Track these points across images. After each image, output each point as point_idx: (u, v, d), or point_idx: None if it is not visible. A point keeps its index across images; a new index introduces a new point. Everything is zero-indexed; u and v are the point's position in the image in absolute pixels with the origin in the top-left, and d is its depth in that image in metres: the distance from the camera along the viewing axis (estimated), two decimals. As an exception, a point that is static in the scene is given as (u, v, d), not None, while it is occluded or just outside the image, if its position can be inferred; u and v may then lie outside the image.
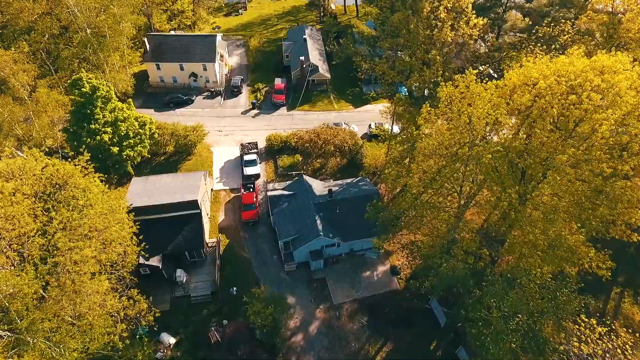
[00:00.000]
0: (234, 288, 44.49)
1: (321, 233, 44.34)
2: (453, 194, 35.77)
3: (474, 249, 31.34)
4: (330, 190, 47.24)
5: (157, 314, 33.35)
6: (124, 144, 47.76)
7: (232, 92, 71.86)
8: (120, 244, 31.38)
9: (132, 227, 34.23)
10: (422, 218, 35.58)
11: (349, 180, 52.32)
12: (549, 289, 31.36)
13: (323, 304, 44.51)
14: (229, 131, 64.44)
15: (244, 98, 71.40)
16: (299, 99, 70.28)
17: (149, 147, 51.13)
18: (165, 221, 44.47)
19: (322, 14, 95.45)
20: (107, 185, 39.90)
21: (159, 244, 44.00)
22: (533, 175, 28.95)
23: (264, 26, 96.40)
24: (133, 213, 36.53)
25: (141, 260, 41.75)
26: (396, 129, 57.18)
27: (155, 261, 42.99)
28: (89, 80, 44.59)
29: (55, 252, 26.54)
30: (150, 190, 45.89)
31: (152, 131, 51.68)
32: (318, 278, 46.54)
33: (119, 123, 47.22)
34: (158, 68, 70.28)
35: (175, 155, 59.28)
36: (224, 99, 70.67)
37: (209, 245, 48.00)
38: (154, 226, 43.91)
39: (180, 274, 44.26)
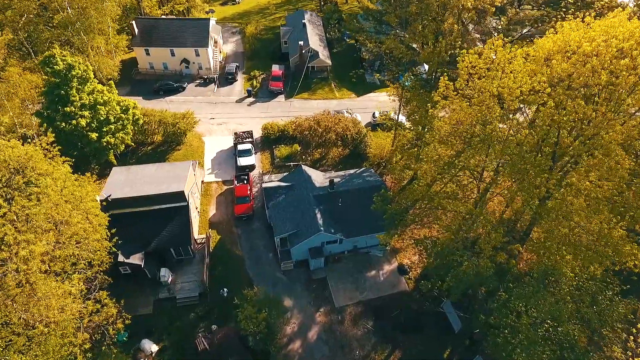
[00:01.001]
0: (225, 289, 40.00)
1: (321, 228, 39.87)
2: (472, 182, 31.35)
3: (501, 243, 26.83)
4: (331, 182, 42.75)
5: (127, 321, 28.77)
6: (104, 129, 43.20)
7: (226, 79, 67.40)
8: (85, 238, 26.80)
9: (99, 217, 29.58)
10: (438, 210, 31.07)
11: (352, 171, 47.84)
12: (587, 291, 26.90)
13: (323, 307, 40.03)
14: (222, 120, 59.98)
15: (239, 86, 66.93)
16: (297, 86, 65.78)
17: (132, 134, 46.51)
18: (148, 215, 39.98)
19: (322, 3, 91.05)
20: (78, 173, 35.46)
21: (141, 240, 39.61)
22: (574, 156, 24.50)
23: (262, 15, 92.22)
24: (104, 203, 31.96)
25: (120, 258, 37.41)
26: (402, 118, 52.71)
27: (136, 259, 38.52)
28: (63, 58, 40.05)
29: (3, 247, 22.11)
30: (132, 181, 41.39)
31: (137, 117, 47.12)
32: (318, 278, 42.06)
33: (98, 106, 42.67)
34: (147, 53, 65.78)
35: (163, 145, 54.82)
36: (218, 87, 66.18)
37: (198, 241, 43.53)
38: (136, 220, 39.56)
39: (165, 274, 39.77)
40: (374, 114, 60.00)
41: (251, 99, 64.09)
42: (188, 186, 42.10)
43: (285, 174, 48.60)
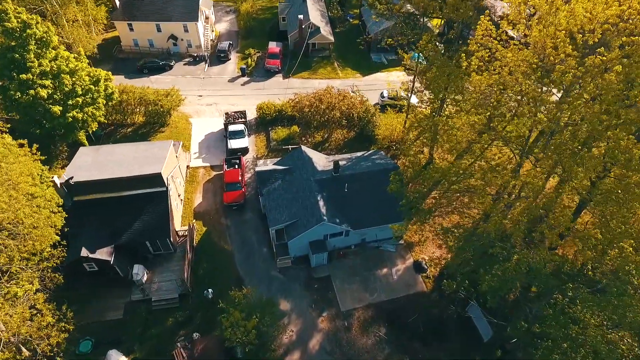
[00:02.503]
0: (210, 290, 33.74)
1: (324, 218, 33.61)
2: (512, 158, 25.11)
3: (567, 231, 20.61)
4: (336, 164, 36.44)
5: (63, 335, 22.43)
6: (70, 102, 36.90)
7: (218, 58, 61.09)
8: (17, 224, 20.54)
9: (40, 198, 23.30)
10: (469, 192, 24.80)
11: (359, 154, 41.56)
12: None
13: (327, 311, 33.79)
14: (212, 100, 53.69)
15: (233, 65, 60.59)
16: (296, 64, 59.48)
17: (104, 109, 40.08)
18: (120, 201, 33.82)
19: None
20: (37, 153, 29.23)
21: (111, 232, 33.44)
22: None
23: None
24: (52, 181, 25.70)
25: (84, 253, 31.21)
26: (414, 100, 46.58)
27: (104, 254, 32.29)
28: (18, 14, 33.74)
29: None
30: (101, 163, 35.09)
31: (110, 90, 40.77)
32: (320, 277, 35.83)
33: (62, 75, 36.39)
34: (131, 29, 59.37)
35: (145, 126, 48.60)
36: (209, 66, 59.85)
37: (180, 234, 37.28)
38: (105, 208, 33.49)
39: (138, 271, 33.49)
40: (382, 93, 53.77)
41: (245, 78, 57.80)
42: (168, 169, 35.85)
43: (282, 158, 42.39)
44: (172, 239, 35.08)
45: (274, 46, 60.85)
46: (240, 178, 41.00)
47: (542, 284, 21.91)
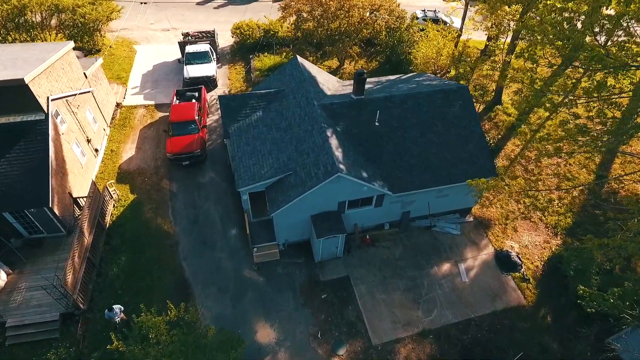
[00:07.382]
0: (116, 308, 17.44)
1: (340, 167, 17.39)
2: None
3: None
4: (359, 76, 20.07)
5: None
6: None
7: (185, -21, 44.93)
8: None
9: None
10: None
11: (393, 77, 25.33)
12: None
13: (346, 345, 17.70)
14: (171, 25, 37.55)
15: (205, -12, 44.42)
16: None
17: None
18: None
19: None
20: None
21: None
22: None
23: None
24: None
25: None
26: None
27: None
28: None
29: None
30: None
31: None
32: (331, 279, 19.74)
33: None
34: (64, -63, 43.14)
35: (64, 53, 32.47)
36: (172, -13, 43.66)
37: (79, 202, 21.17)
38: None
39: (-19, 271, 17.46)
40: (416, 14, 37.63)
41: (220, 1, 41.67)
42: (53, 83, 19.79)
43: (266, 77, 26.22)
44: (58, 211, 18.97)
45: (261, -39, 44.59)
46: (196, 116, 24.86)
47: None
